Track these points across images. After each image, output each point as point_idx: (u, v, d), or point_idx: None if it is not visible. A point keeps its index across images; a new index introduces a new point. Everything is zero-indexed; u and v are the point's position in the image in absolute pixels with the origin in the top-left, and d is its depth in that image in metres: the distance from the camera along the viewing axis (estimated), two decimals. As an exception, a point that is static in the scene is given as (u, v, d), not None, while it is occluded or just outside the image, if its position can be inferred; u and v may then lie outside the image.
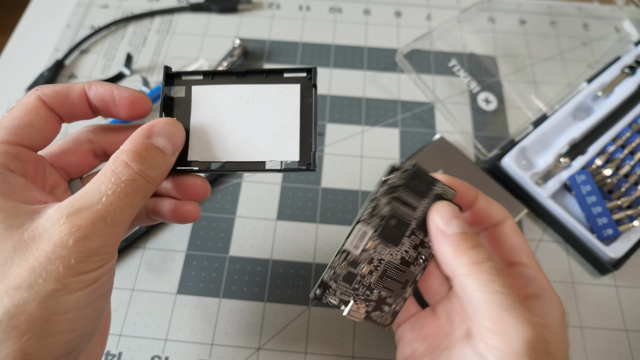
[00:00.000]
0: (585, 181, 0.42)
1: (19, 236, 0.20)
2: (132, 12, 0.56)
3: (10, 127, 0.24)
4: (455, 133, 0.48)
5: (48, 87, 0.25)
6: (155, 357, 0.36)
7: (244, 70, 0.28)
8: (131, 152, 0.23)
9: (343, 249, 0.26)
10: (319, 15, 0.56)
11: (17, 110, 0.24)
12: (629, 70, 0.47)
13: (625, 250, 0.39)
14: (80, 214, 0.21)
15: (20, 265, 0.20)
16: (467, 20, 0.55)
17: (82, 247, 0.20)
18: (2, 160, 0.23)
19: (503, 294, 0.22)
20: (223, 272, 0.40)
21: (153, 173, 0.23)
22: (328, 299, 0.26)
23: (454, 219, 0.25)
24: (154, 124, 0.25)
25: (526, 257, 0.27)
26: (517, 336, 0.21)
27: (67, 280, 0.20)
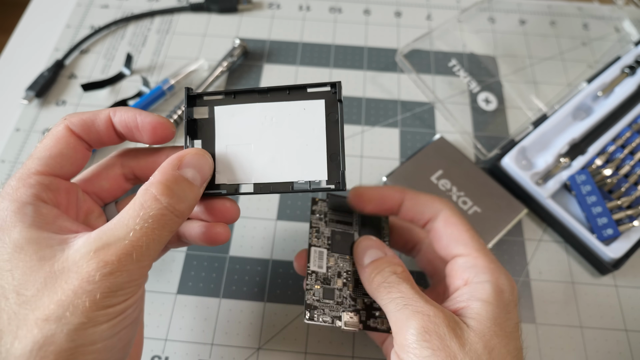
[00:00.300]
0: (585, 181, 0.42)
1: (49, 267, 0.21)
2: (132, 12, 0.56)
3: (41, 158, 0.24)
4: (455, 133, 0.48)
5: (75, 115, 0.26)
6: (155, 357, 0.36)
7: (267, 88, 0.27)
8: (160, 185, 0.23)
9: (310, 271, 0.29)
10: (319, 15, 0.56)
11: (47, 140, 0.25)
12: (629, 70, 0.47)
13: (625, 250, 0.39)
14: (107, 249, 0.21)
15: (50, 297, 0.20)
16: (467, 20, 0.55)
17: (108, 283, 0.21)
18: (35, 191, 0.23)
19: (398, 299, 0.25)
20: (223, 272, 0.40)
21: (181, 207, 0.23)
22: (320, 319, 0.27)
23: (367, 251, 0.28)
24: (183, 155, 0.25)
25: (463, 247, 0.28)
26: (410, 329, 0.23)
27: (93, 314, 0.20)
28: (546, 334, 0.38)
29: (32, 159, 0.25)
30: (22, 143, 0.46)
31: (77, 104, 0.49)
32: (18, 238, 0.22)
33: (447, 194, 0.42)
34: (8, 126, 0.47)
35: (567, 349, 0.37)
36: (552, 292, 0.40)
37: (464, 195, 0.42)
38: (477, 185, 0.43)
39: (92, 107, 0.48)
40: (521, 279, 0.40)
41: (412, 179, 0.43)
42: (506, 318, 0.25)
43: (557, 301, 0.39)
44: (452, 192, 0.42)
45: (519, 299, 0.39)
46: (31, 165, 0.24)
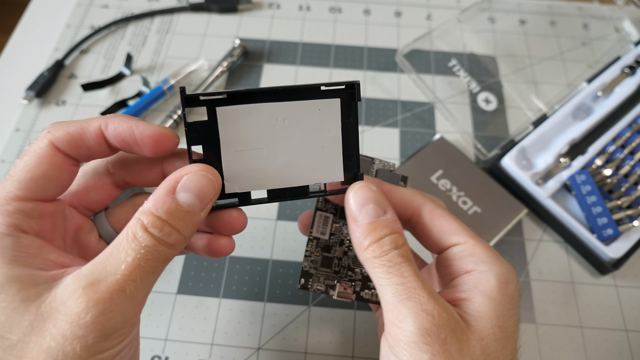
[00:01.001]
0: (585, 181, 0.42)
1: (36, 309, 0.19)
2: (132, 12, 0.56)
3: (21, 181, 0.21)
4: (455, 133, 0.48)
5: (61, 128, 0.22)
6: (155, 357, 0.36)
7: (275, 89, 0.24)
8: (151, 216, 0.21)
9: (312, 237, 0.28)
10: (319, 15, 0.56)
11: (28, 159, 0.22)
12: (629, 70, 0.47)
13: (625, 250, 0.39)
14: (97, 285, 0.19)
15: (38, 343, 0.19)
16: (467, 20, 0.55)
17: (100, 326, 0.19)
18: (14, 220, 0.21)
19: (400, 285, 0.22)
20: (223, 272, 0.40)
21: (172, 239, 0.21)
22: (315, 287, 0.27)
23: (367, 205, 0.24)
24: (180, 177, 0.22)
25: (457, 236, 0.26)
26: (410, 326, 0.21)
27: None
28: (546, 334, 0.38)
29: (11, 180, 0.21)
30: (22, 143, 0.46)
31: (77, 104, 0.49)
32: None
33: (447, 194, 0.42)
34: (8, 126, 0.47)
35: (567, 349, 0.37)
36: (552, 292, 0.40)
37: (464, 195, 0.42)
38: (477, 185, 0.43)
39: (92, 107, 0.48)
40: (521, 279, 0.40)
41: (412, 179, 0.43)
42: (509, 315, 0.23)
43: (557, 301, 0.39)
44: (452, 192, 0.42)
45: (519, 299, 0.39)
46: (10, 188, 0.21)
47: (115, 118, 0.23)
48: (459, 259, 0.25)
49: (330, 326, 0.37)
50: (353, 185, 0.25)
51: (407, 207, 0.27)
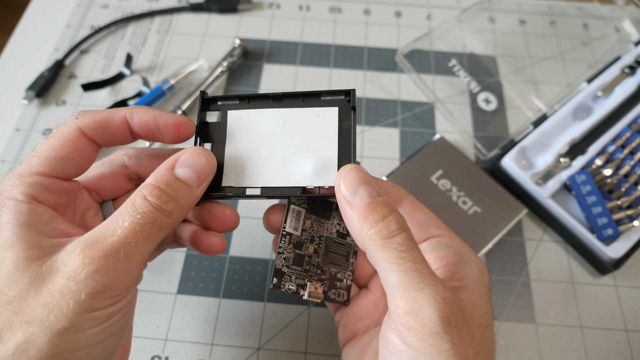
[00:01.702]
0: (585, 181, 0.42)
1: (37, 268, 0.20)
2: (132, 12, 0.56)
3: (45, 158, 0.23)
4: (455, 133, 0.48)
5: (89, 115, 0.25)
6: (155, 357, 0.36)
7: (281, 94, 0.27)
8: (150, 186, 0.23)
9: (285, 232, 0.27)
10: (319, 15, 0.56)
11: (55, 140, 0.24)
12: (629, 70, 0.47)
13: (625, 250, 0.39)
14: (94, 245, 0.21)
15: (35, 299, 0.20)
16: (467, 20, 0.55)
17: (94, 282, 0.20)
18: (33, 191, 0.23)
19: (414, 272, 0.21)
20: (223, 272, 0.40)
21: (170, 206, 0.23)
22: (287, 287, 0.26)
23: (361, 186, 0.23)
24: (180, 154, 0.24)
25: (436, 228, 0.27)
26: (431, 315, 0.20)
27: (77, 317, 0.20)
28: (546, 334, 0.38)
29: (36, 157, 0.23)
30: (22, 143, 0.46)
31: (77, 104, 0.49)
32: (9, 235, 0.21)
33: (447, 194, 0.42)
34: (8, 126, 0.47)
35: (567, 349, 0.37)
36: (552, 292, 0.40)
37: (464, 195, 0.42)
38: (477, 185, 0.43)
39: (92, 107, 0.48)
40: (521, 279, 0.40)
41: (412, 179, 0.43)
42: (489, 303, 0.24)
43: (557, 301, 0.39)
44: (452, 192, 0.42)
45: (519, 299, 0.39)
46: (34, 163, 0.23)
47: (139, 108, 0.26)
48: (440, 249, 0.26)
49: (331, 326, 0.37)
50: (342, 168, 0.24)
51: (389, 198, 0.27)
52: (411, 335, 0.20)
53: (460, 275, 0.24)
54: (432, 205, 0.41)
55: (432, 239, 0.26)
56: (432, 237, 0.27)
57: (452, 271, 0.25)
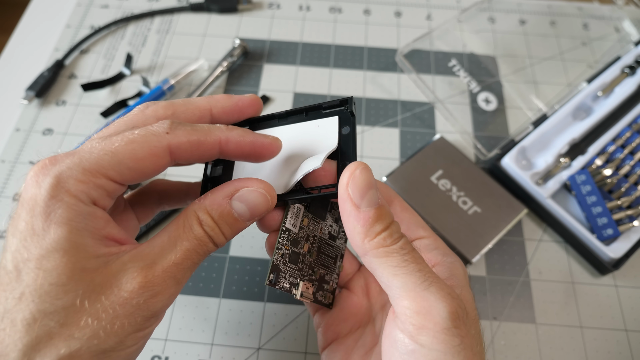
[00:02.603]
0: (585, 181, 0.42)
1: (90, 280, 0.19)
2: (132, 12, 0.56)
3: (121, 164, 0.21)
4: (455, 133, 0.48)
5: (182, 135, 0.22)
6: (155, 357, 0.36)
7: (285, 112, 0.28)
8: (206, 214, 0.22)
9: (285, 228, 0.27)
10: (319, 15, 0.56)
11: (139, 149, 0.21)
12: (629, 70, 0.47)
13: (625, 250, 0.39)
14: (154, 268, 0.20)
15: (88, 313, 0.19)
16: (467, 20, 0.55)
17: (151, 306, 0.20)
18: (96, 194, 0.21)
19: (419, 272, 0.21)
20: (223, 272, 0.40)
21: (220, 240, 0.23)
22: (281, 284, 0.26)
23: (369, 191, 0.22)
24: (241, 186, 0.23)
25: (423, 230, 0.28)
26: (441, 312, 0.20)
27: (126, 337, 0.20)
28: (546, 334, 0.38)
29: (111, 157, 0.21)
30: (22, 143, 0.46)
31: (77, 104, 0.49)
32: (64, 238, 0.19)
33: (447, 194, 0.42)
34: (8, 126, 0.47)
35: (567, 349, 0.37)
36: (552, 292, 0.40)
37: (464, 195, 0.42)
38: (477, 185, 0.43)
39: (92, 107, 0.48)
40: (521, 279, 0.40)
41: (412, 179, 0.43)
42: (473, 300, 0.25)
43: (557, 301, 0.39)
44: (452, 192, 0.42)
45: (519, 299, 0.39)
46: (107, 164, 0.21)
47: (236, 134, 0.23)
48: (428, 251, 0.27)
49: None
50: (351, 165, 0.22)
51: None
52: (423, 334, 0.20)
53: (448, 275, 0.25)
54: (432, 205, 0.41)
55: (420, 240, 0.27)
56: (419, 239, 0.27)
57: (440, 270, 0.26)
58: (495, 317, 0.38)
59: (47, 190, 0.20)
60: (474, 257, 0.39)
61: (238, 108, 0.26)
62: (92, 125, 0.47)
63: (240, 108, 0.26)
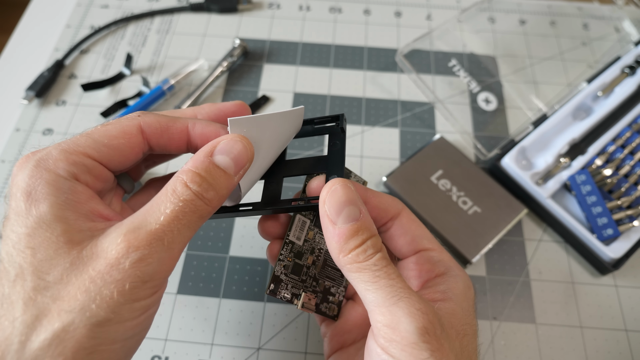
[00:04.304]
0: (585, 181, 0.42)
1: (77, 253, 0.20)
2: (132, 12, 0.56)
3: (96, 142, 0.23)
4: (455, 133, 0.48)
5: (152, 116, 0.24)
6: (155, 357, 0.36)
7: None
8: (190, 172, 0.22)
9: (288, 240, 0.27)
10: (319, 15, 0.56)
11: (112, 128, 0.23)
12: (629, 70, 0.47)
13: (625, 250, 0.39)
14: (137, 232, 0.20)
15: (76, 285, 0.19)
16: (467, 20, 0.55)
17: (138, 271, 0.19)
18: (75, 169, 0.22)
19: (389, 287, 0.22)
20: (223, 272, 0.40)
21: (210, 194, 0.22)
22: (282, 294, 0.27)
23: (346, 207, 0.23)
24: (218, 142, 0.23)
25: (428, 242, 0.28)
26: (408, 326, 0.21)
27: (120, 308, 0.19)
28: (546, 334, 0.38)
29: (87, 137, 0.23)
30: (22, 143, 0.46)
31: (77, 104, 0.49)
32: (46, 213, 0.20)
33: (447, 194, 0.42)
34: (8, 126, 0.47)
35: (567, 349, 0.37)
36: (552, 292, 0.40)
37: (464, 195, 0.42)
38: (477, 185, 0.43)
39: (92, 107, 0.48)
40: (521, 279, 0.40)
41: (412, 179, 0.43)
42: (472, 316, 0.25)
43: (557, 301, 0.39)
44: (452, 192, 0.42)
45: (519, 299, 0.39)
46: (82, 143, 0.22)
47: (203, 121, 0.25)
48: (432, 263, 0.27)
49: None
50: (330, 182, 0.23)
51: (388, 210, 0.28)
52: (392, 347, 0.21)
53: (444, 288, 0.25)
54: (432, 205, 0.41)
55: (424, 251, 0.28)
56: (424, 250, 0.28)
57: (437, 283, 0.26)
58: (495, 317, 0.38)
59: (27, 173, 0.21)
60: (474, 257, 0.39)
61: (223, 114, 0.27)
62: (92, 125, 0.47)
63: (225, 114, 0.27)
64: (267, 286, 0.27)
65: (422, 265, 0.27)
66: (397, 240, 0.28)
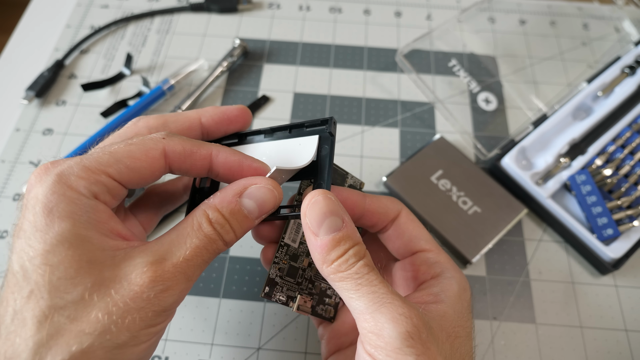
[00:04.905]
0: (585, 181, 0.42)
1: (99, 273, 0.19)
2: (132, 12, 0.56)
3: (119, 163, 0.22)
4: (455, 133, 0.48)
5: (177, 141, 0.24)
6: (155, 357, 0.36)
7: (270, 129, 0.28)
8: (216, 212, 0.22)
9: (284, 243, 0.27)
10: (319, 15, 0.56)
11: (136, 150, 0.23)
12: (629, 70, 0.47)
13: (625, 250, 0.39)
14: (163, 263, 0.20)
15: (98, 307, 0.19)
16: (467, 20, 0.55)
17: (162, 301, 0.20)
18: (97, 189, 0.21)
19: (371, 294, 0.22)
20: (223, 272, 0.40)
21: (229, 237, 0.23)
22: (277, 297, 0.27)
23: (327, 219, 0.23)
24: (249, 184, 0.24)
25: (425, 242, 0.28)
26: (391, 332, 0.21)
27: (138, 332, 0.19)
28: (546, 334, 0.38)
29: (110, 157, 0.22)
30: (22, 143, 0.46)
31: (77, 104, 0.49)
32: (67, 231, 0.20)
33: (447, 194, 0.42)
34: (8, 126, 0.47)
35: (567, 349, 0.37)
36: (552, 292, 0.40)
37: (464, 195, 0.42)
38: (477, 185, 0.43)
39: (92, 107, 0.48)
40: (521, 279, 0.40)
41: (412, 179, 0.43)
42: (467, 318, 0.25)
43: (557, 301, 0.39)
44: (452, 192, 0.42)
45: (519, 299, 0.39)
46: (105, 162, 0.22)
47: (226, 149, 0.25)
48: (428, 264, 0.27)
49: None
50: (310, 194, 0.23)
51: (388, 213, 0.28)
52: (378, 353, 0.21)
53: (437, 290, 0.25)
54: (432, 205, 0.41)
55: (420, 253, 0.28)
56: (421, 251, 0.28)
57: (431, 285, 0.26)
58: (495, 317, 0.38)
59: (48, 187, 0.20)
60: (474, 257, 0.39)
61: (226, 117, 0.27)
62: (92, 125, 0.47)
63: (228, 117, 0.27)
64: (262, 289, 0.27)
65: (419, 266, 0.27)
66: (394, 241, 0.29)
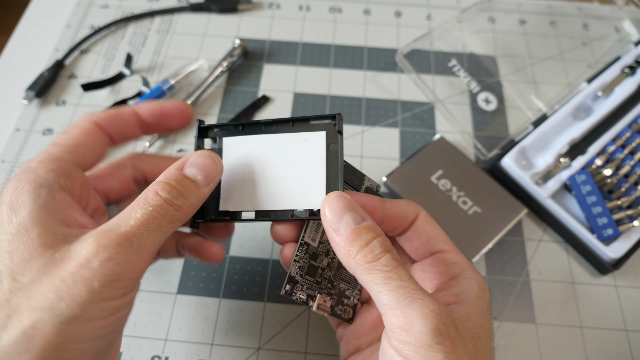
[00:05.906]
0: (585, 181, 0.42)
1: (50, 255, 0.21)
2: (132, 12, 0.56)
3: (66, 145, 0.25)
4: (455, 133, 0.48)
5: (103, 111, 0.27)
6: (155, 357, 0.36)
7: (271, 120, 0.28)
8: (161, 183, 0.24)
9: (304, 242, 0.27)
10: (319, 15, 0.56)
11: (72, 130, 0.26)
12: (629, 70, 0.47)
13: (625, 250, 0.39)
14: (107, 234, 0.21)
15: (46, 285, 0.20)
16: (467, 20, 0.55)
17: (107, 270, 0.20)
18: (54, 175, 0.23)
19: (401, 289, 0.22)
20: (223, 272, 0.40)
21: (179, 201, 0.24)
22: (298, 295, 0.27)
23: (346, 213, 0.24)
24: (188, 157, 0.26)
25: (443, 243, 0.28)
26: (421, 328, 0.21)
27: (88, 306, 0.20)
28: (546, 334, 0.38)
29: (55, 145, 0.25)
30: (22, 143, 0.46)
31: (77, 104, 0.49)
32: (25, 218, 0.21)
33: (447, 194, 0.42)
34: (8, 126, 0.47)
35: (567, 349, 0.37)
36: (552, 292, 0.40)
37: (464, 195, 0.42)
38: (477, 185, 0.43)
39: (92, 107, 0.48)
40: (521, 279, 0.40)
41: (412, 179, 0.43)
42: (487, 319, 0.25)
43: (557, 301, 0.39)
44: (452, 192, 0.42)
45: (519, 299, 0.39)
46: (54, 150, 0.25)
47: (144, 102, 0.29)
48: (447, 265, 0.27)
49: (331, 326, 0.37)
50: (327, 197, 0.24)
51: (407, 216, 0.28)
52: (406, 349, 0.21)
53: (457, 290, 0.25)
54: (432, 205, 0.41)
55: (439, 253, 0.28)
56: (439, 252, 0.28)
57: (451, 285, 0.26)
58: (495, 317, 0.38)
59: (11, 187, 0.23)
60: (474, 257, 0.39)
61: (162, 109, 0.29)
62: (92, 125, 0.47)
63: (164, 110, 0.29)
64: (283, 287, 0.27)
65: (437, 267, 0.27)
66: (412, 242, 0.29)
